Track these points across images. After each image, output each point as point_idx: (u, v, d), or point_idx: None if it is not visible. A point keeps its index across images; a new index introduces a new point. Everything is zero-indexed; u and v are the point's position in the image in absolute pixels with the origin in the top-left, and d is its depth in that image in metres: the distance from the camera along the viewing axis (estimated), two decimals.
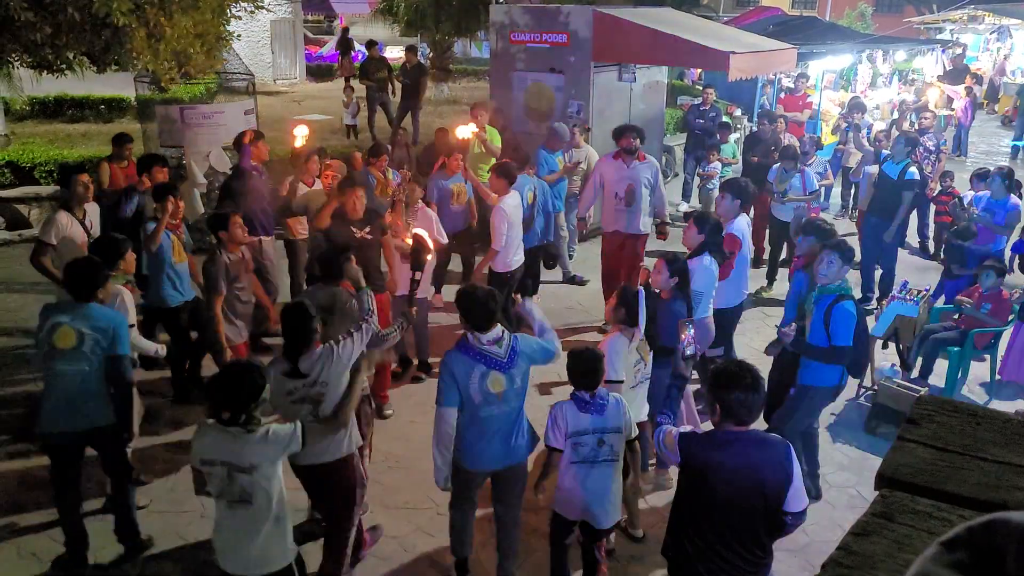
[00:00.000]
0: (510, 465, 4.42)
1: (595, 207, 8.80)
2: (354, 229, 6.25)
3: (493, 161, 9.68)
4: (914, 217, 10.75)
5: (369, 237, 6.32)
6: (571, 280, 9.64)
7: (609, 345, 4.86)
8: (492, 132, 9.90)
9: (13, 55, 9.34)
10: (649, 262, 7.24)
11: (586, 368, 4.28)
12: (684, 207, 12.33)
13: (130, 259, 5.43)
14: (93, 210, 6.49)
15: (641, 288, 5.05)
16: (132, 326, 5.12)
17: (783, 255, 9.49)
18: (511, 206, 7.36)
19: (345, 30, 22.80)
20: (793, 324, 5.59)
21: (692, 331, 4.37)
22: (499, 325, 4.27)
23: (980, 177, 9.14)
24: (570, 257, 10.05)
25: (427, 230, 6.71)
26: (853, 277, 9.45)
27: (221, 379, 3.71)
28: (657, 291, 5.39)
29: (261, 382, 3.65)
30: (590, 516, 4.41)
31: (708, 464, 3.46)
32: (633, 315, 4.92)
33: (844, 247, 5.38)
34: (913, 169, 8.82)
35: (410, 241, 5.59)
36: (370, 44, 16.97)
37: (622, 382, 4.87)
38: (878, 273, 9.12)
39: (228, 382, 3.67)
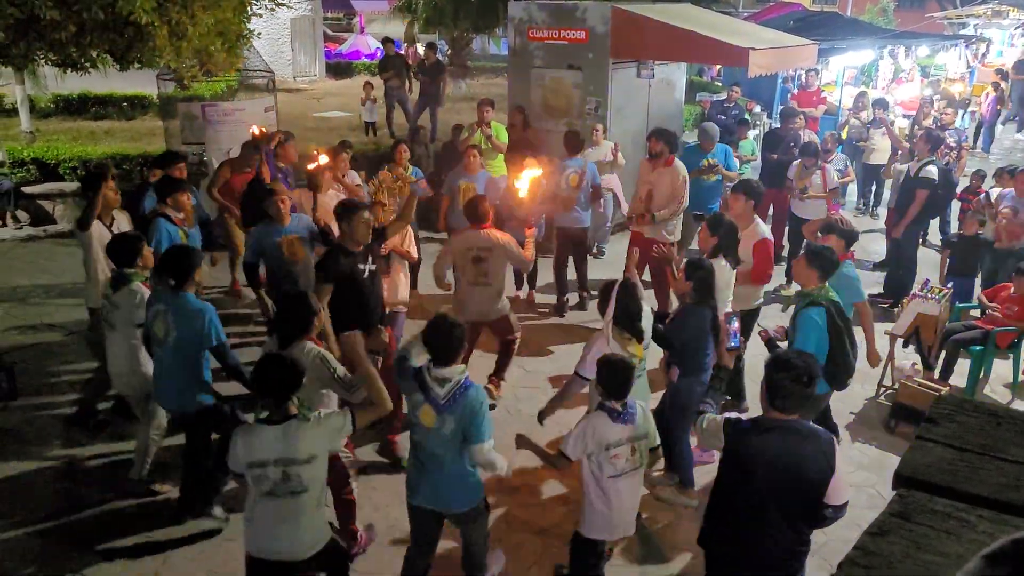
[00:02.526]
0: (441, 510, 4.22)
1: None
2: (358, 265, 5.65)
3: (500, 157, 9.71)
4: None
5: (373, 267, 5.78)
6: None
7: (591, 341, 4.88)
8: (498, 128, 9.92)
9: (38, 53, 9.44)
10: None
11: (620, 378, 4.18)
12: None
13: (148, 255, 5.49)
14: (123, 217, 6.48)
15: (620, 281, 4.96)
16: (142, 325, 5.22)
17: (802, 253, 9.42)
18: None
19: (411, 24, 22.66)
20: (780, 326, 5.55)
21: (736, 324, 4.37)
22: (459, 367, 4.02)
23: (1010, 173, 9.09)
24: (602, 254, 10.35)
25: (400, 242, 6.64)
26: (873, 277, 9.50)
27: (264, 372, 3.70)
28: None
29: (300, 372, 3.68)
30: (620, 531, 4.36)
31: (750, 449, 3.50)
32: (605, 307, 4.84)
33: (817, 251, 5.31)
34: (931, 167, 8.72)
35: None
36: (386, 41, 17.01)
37: (589, 380, 4.80)
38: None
39: (266, 373, 3.68)
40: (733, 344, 4.30)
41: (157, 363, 5.09)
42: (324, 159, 7.18)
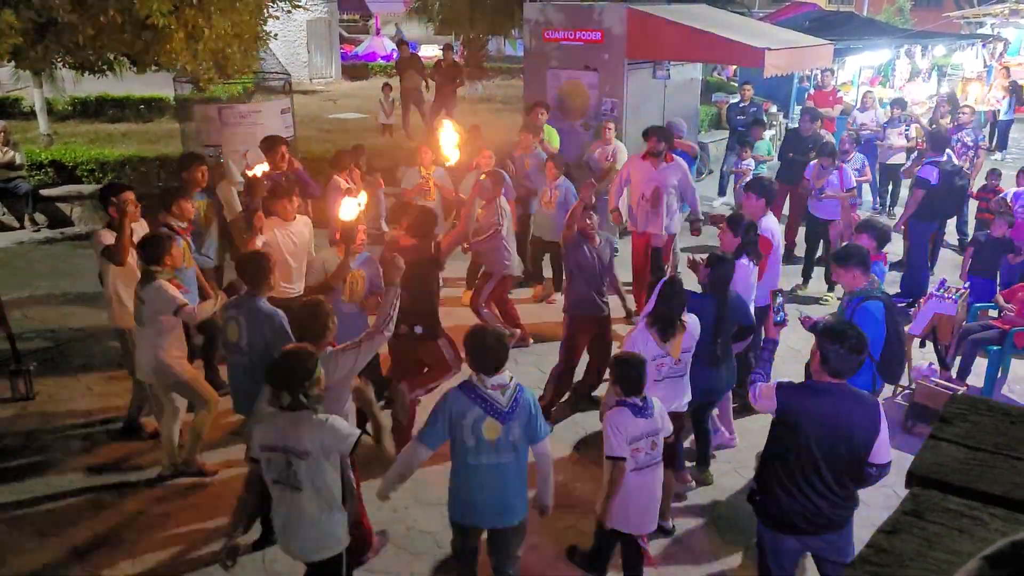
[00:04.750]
0: (504, 526, 4.09)
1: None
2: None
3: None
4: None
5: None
6: None
7: (627, 340, 4.90)
8: (550, 132, 9.63)
9: (56, 56, 9.54)
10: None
11: (635, 373, 4.30)
12: (718, 202, 12.39)
13: (177, 255, 5.53)
14: (142, 228, 6.45)
15: (663, 279, 5.03)
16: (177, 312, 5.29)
17: (819, 252, 9.40)
18: None
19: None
20: (827, 316, 5.56)
21: (782, 299, 4.54)
22: (507, 372, 3.98)
23: None
24: (616, 252, 10.15)
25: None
26: (889, 276, 9.43)
27: (276, 362, 3.77)
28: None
29: (312, 364, 3.71)
30: (643, 524, 4.41)
31: (801, 410, 3.78)
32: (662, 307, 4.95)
33: (844, 251, 5.38)
34: (930, 168, 8.70)
35: None
36: (400, 43, 17.07)
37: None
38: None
39: (282, 365, 3.73)
40: (778, 319, 4.49)
41: (232, 367, 5.13)
42: (262, 166, 6.85)
